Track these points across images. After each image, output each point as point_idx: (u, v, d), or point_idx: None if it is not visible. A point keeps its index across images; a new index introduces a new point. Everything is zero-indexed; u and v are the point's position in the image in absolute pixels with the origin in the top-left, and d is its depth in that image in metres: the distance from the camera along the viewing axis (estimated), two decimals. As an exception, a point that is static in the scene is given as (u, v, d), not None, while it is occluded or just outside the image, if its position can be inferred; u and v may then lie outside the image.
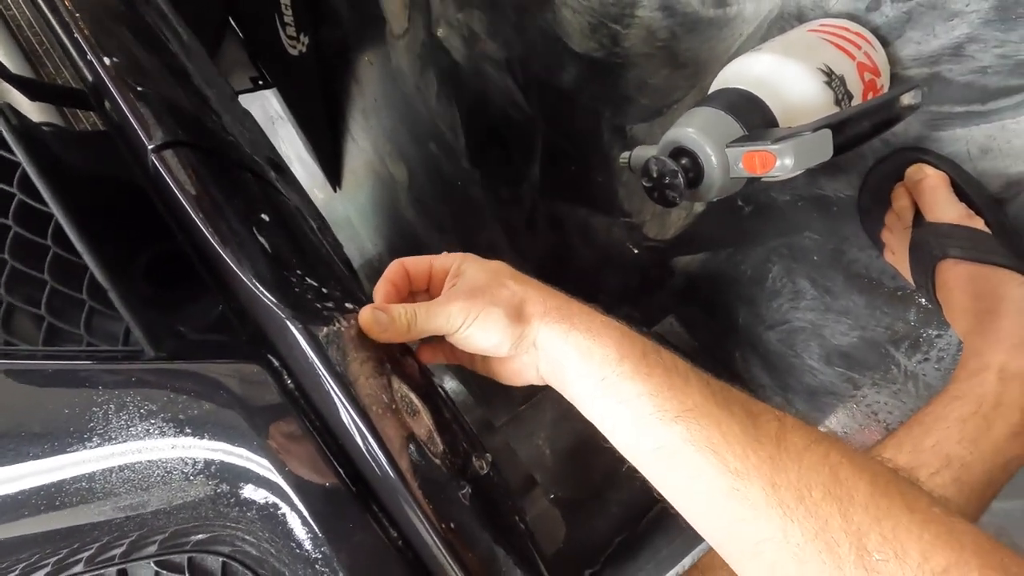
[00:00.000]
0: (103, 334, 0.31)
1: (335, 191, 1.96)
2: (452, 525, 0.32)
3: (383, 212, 1.81)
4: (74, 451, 0.28)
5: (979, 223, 0.49)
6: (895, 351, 0.66)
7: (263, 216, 0.33)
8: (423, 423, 0.32)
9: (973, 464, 0.44)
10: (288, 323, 0.28)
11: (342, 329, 0.29)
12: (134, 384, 0.28)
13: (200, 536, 0.33)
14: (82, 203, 0.32)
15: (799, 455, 0.30)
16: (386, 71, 1.35)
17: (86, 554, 0.32)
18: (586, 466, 0.75)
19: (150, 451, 0.28)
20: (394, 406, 0.31)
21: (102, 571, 0.31)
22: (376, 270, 1.97)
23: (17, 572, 0.30)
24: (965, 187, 0.50)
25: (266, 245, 0.31)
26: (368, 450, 0.30)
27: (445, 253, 0.42)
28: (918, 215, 0.53)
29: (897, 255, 0.56)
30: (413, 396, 0.32)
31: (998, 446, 0.45)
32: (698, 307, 0.90)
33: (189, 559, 0.33)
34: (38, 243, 0.30)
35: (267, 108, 1.97)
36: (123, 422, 0.28)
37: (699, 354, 0.90)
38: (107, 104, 0.35)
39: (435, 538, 0.31)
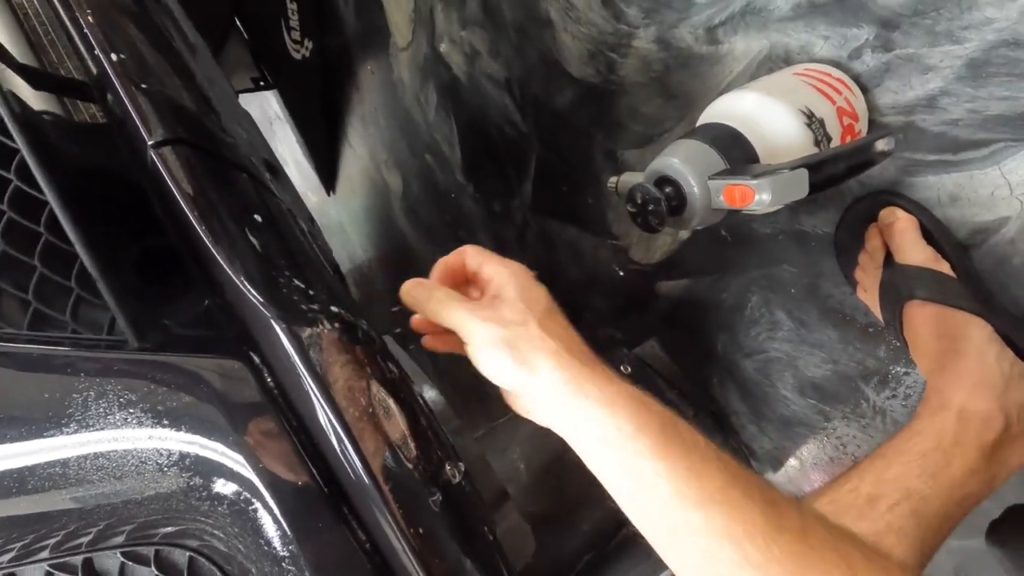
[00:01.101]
0: (88, 323, 0.31)
1: (329, 195, 1.96)
2: (421, 531, 0.33)
3: (376, 219, 1.82)
4: (51, 436, 0.28)
5: (945, 267, 0.52)
6: (865, 386, 0.68)
7: (256, 217, 0.34)
8: (398, 428, 0.33)
9: (931, 498, 0.46)
10: (273, 322, 0.29)
11: (325, 331, 0.30)
12: (115, 373, 0.29)
13: (169, 529, 0.33)
14: (77, 193, 0.32)
15: (821, 552, 0.30)
16: (387, 81, 1.37)
17: (52, 541, 0.32)
18: (559, 483, 0.75)
19: (126, 440, 0.28)
20: (371, 410, 0.31)
21: (67, 559, 0.31)
22: (365, 276, 1.97)
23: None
24: (934, 232, 0.52)
25: (257, 245, 0.32)
26: (342, 452, 0.31)
27: (502, 261, 0.42)
28: (889, 256, 0.55)
29: (869, 293, 0.58)
30: (391, 401, 0.33)
31: (955, 482, 0.47)
32: (679, 331, 0.92)
33: (156, 552, 0.33)
34: (31, 230, 0.31)
35: (266, 109, 1.98)
36: (102, 410, 0.28)
37: (679, 377, 0.92)
38: (109, 98, 0.36)
39: (403, 543, 0.32)
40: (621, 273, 0.97)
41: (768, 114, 0.47)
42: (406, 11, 1.17)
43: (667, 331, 0.95)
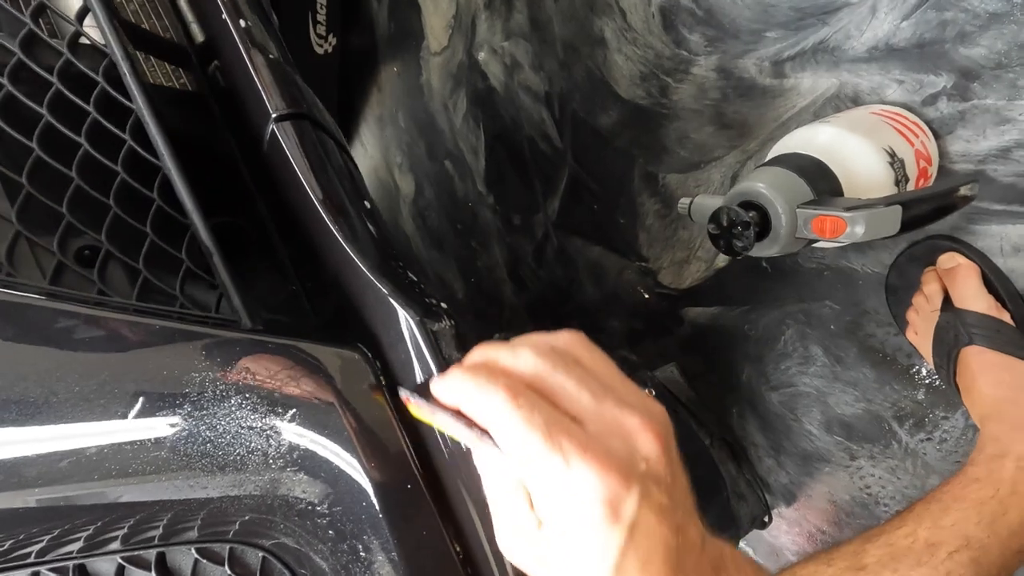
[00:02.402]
0: (192, 301, 0.29)
1: (335, 193, 1.93)
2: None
3: (380, 221, 1.79)
4: (163, 415, 0.26)
5: (1006, 316, 0.52)
6: (898, 427, 0.68)
7: (366, 203, 0.33)
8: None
9: (990, 547, 0.46)
10: (402, 312, 0.27)
11: (447, 326, 0.28)
12: (236, 354, 0.27)
13: (243, 526, 0.31)
14: (187, 164, 0.31)
15: None
16: (413, 84, 1.36)
17: (122, 532, 0.29)
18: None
19: (239, 427, 0.26)
20: (483, 414, 0.30)
21: (140, 552, 0.29)
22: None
23: (45, 542, 0.27)
24: (995, 281, 0.53)
25: (372, 230, 0.31)
26: (453, 457, 0.29)
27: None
28: (946, 300, 0.56)
29: (920, 335, 0.59)
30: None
31: (1013, 531, 0.47)
32: (702, 358, 0.92)
33: (231, 550, 0.31)
34: (144, 195, 0.29)
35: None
36: (219, 392, 0.26)
37: (697, 404, 0.91)
38: (215, 65, 0.34)
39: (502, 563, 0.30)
40: (646, 296, 0.97)
41: (853, 149, 0.48)
42: (445, 16, 1.17)
43: (687, 357, 0.95)
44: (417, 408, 0.25)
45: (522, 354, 0.26)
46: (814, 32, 0.60)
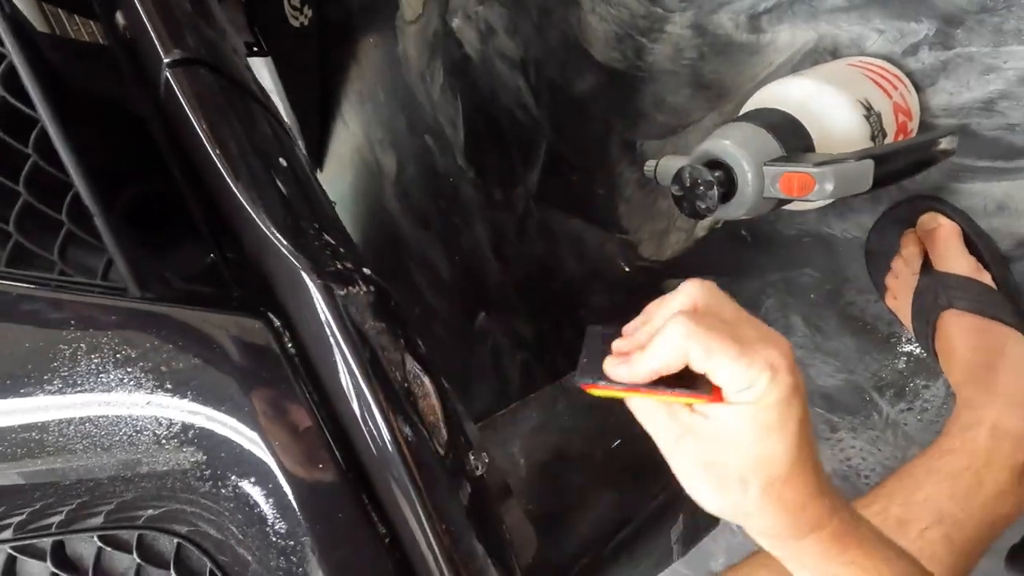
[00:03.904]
0: (78, 267, 0.27)
1: (317, 173, 1.90)
2: (451, 527, 0.29)
3: (364, 200, 1.76)
4: (29, 394, 0.23)
5: (987, 278, 0.50)
6: (879, 398, 0.66)
7: (280, 160, 0.30)
8: (432, 408, 0.29)
9: (964, 521, 0.44)
10: (305, 276, 0.25)
11: (361, 292, 0.26)
12: (114, 324, 0.24)
13: (155, 511, 0.28)
14: (74, 116, 0.28)
15: None
16: (391, 56, 1.32)
17: (16, 519, 0.27)
18: (558, 482, 0.72)
19: (120, 405, 0.24)
20: (406, 384, 0.27)
21: (33, 541, 0.27)
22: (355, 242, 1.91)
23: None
24: (977, 241, 0.51)
25: (283, 189, 0.28)
26: (372, 431, 0.27)
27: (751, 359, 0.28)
28: (926, 263, 0.53)
29: (899, 300, 0.56)
30: (425, 378, 0.29)
31: (987, 504, 0.45)
32: (683, 333, 0.89)
33: (139, 537, 0.29)
34: (16, 149, 0.26)
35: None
36: (94, 366, 0.24)
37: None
38: (119, 13, 0.31)
39: (431, 539, 0.28)
40: (627, 269, 0.94)
41: (826, 102, 0.45)
42: (419, -18, 1.13)
43: (669, 332, 0.92)
44: (599, 392, 0.30)
45: (682, 291, 0.31)
46: (791, -19, 0.56)
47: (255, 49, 1.71)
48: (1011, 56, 0.45)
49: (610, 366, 0.30)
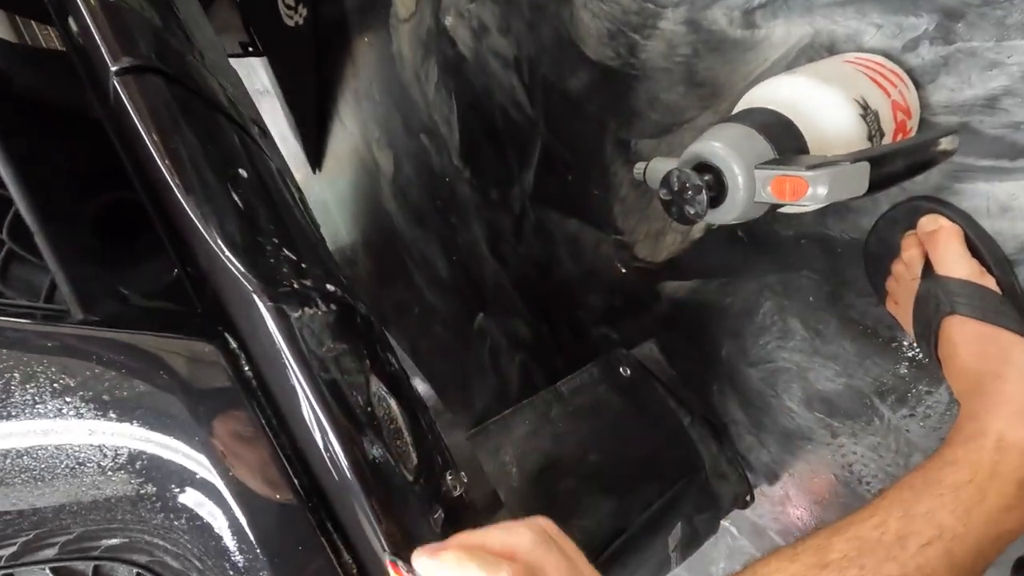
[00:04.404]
0: (21, 286, 0.25)
1: (314, 172, 1.89)
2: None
3: (362, 200, 1.75)
4: (-39, 425, 0.22)
5: (990, 282, 0.48)
6: (880, 403, 0.64)
7: (240, 171, 0.29)
8: (399, 432, 0.28)
9: (965, 536, 0.42)
10: (255, 297, 0.23)
11: (319, 313, 0.24)
12: (50, 351, 0.23)
13: (112, 541, 0.27)
14: (21, 128, 0.26)
15: None
16: (385, 54, 1.30)
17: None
18: (551, 490, 0.71)
19: (59, 435, 0.23)
20: (369, 409, 0.26)
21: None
22: (348, 258, 1.90)
23: None
24: (980, 244, 0.49)
25: (239, 203, 0.26)
26: (331, 459, 0.25)
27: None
28: (927, 267, 0.51)
29: (900, 305, 0.55)
30: (391, 401, 0.28)
31: (991, 518, 0.43)
32: (680, 334, 0.88)
33: (95, 568, 0.27)
34: (-44, 165, 0.25)
35: (252, 80, 1.89)
36: (29, 396, 0.22)
37: (676, 382, 0.88)
38: (71, 18, 0.30)
39: (401, 571, 0.26)
40: (623, 270, 0.93)
41: (820, 101, 0.43)
42: (411, -21, 1.11)
43: (666, 333, 0.91)
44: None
45: (520, 534, 0.29)
46: (786, -25, 0.54)
47: (250, 49, 1.70)
48: (1015, 51, 0.43)
49: (424, 553, 0.26)
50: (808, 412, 0.73)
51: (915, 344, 0.57)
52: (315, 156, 1.83)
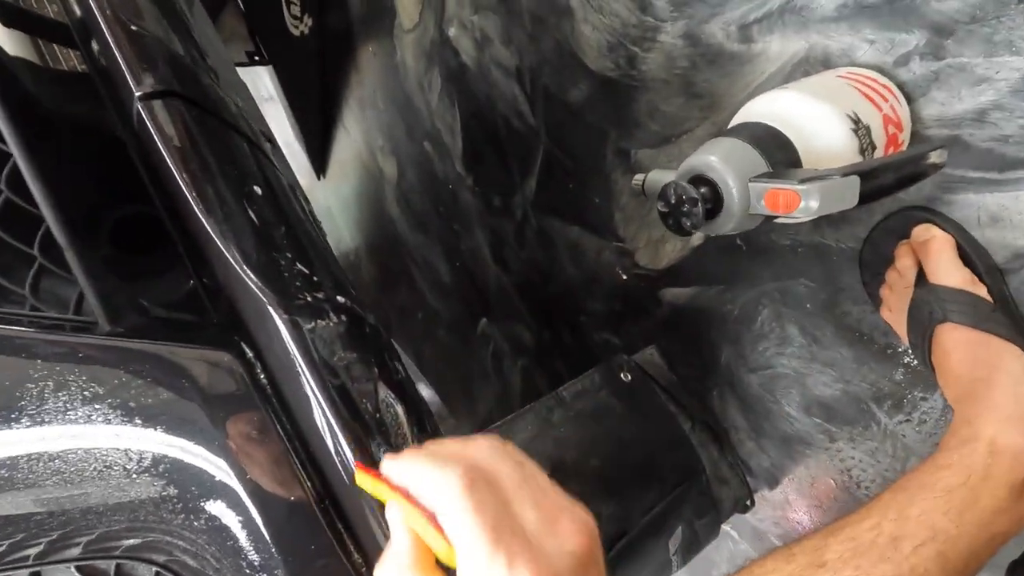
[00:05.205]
0: (52, 299, 0.27)
1: (319, 179, 1.91)
2: (426, 555, 0.29)
3: (366, 206, 1.77)
4: (-2, 431, 0.24)
5: (982, 290, 0.49)
6: (877, 408, 0.65)
7: (255, 188, 0.30)
8: (406, 437, 0.29)
9: (958, 538, 0.43)
10: (271, 310, 0.25)
11: (330, 324, 0.26)
12: (81, 360, 0.24)
13: (133, 541, 0.28)
14: (50, 148, 0.28)
15: None
16: (389, 64, 1.32)
17: (-5, 550, 0.27)
18: (553, 493, 0.72)
19: (89, 439, 0.24)
20: (377, 415, 0.27)
21: (10, 572, 0.27)
22: (352, 264, 1.92)
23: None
24: (971, 253, 0.50)
25: (255, 220, 0.28)
26: (342, 463, 0.27)
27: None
28: (920, 275, 0.52)
29: (894, 313, 0.56)
30: (398, 407, 0.29)
31: (983, 521, 0.44)
32: (681, 340, 0.89)
33: (117, 566, 0.29)
34: (-10, 186, 0.26)
35: (258, 87, 1.91)
36: (61, 403, 0.24)
37: (677, 388, 0.89)
38: (94, 43, 0.31)
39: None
40: (624, 277, 0.94)
41: (813, 116, 0.44)
42: (415, -9, 1.13)
43: (666, 339, 0.92)
44: (364, 479, 0.26)
45: (476, 443, 0.29)
46: (781, -9, 0.56)
47: (256, 58, 1.73)
48: (1002, 67, 0.44)
49: (388, 457, 0.27)
50: (807, 417, 0.74)
51: (910, 351, 0.58)
52: (319, 163, 1.85)
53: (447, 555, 0.27)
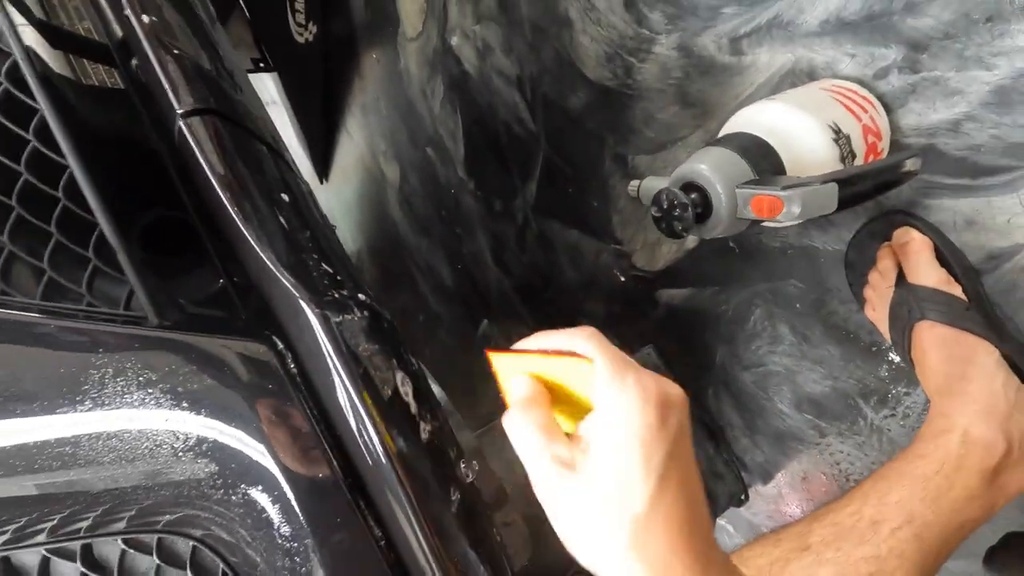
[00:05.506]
0: (103, 297, 0.30)
1: (321, 183, 1.94)
2: (439, 529, 0.32)
3: (368, 209, 1.79)
4: (63, 412, 0.26)
5: (957, 290, 0.52)
6: (864, 404, 0.68)
7: (283, 196, 0.33)
8: (423, 422, 0.32)
9: (933, 523, 0.46)
10: (304, 306, 0.28)
11: (356, 318, 0.29)
12: (136, 350, 0.27)
13: (171, 516, 0.31)
14: (95, 158, 0.31)
15: None
16: (392, 71, 1.35)
17: (50, 524, 0.30)
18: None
19: (142, 421, 0.27)
20: (397, 402, 0.30)
21: (65, 544, 0.30)
22: (354, 266, 1.95)
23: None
24: (947, 255, 0.53)
25: (285, 225, 0.31)
26: (366, 443, 0.30)
27: (621, 384, 0.30)
28: (901, 276, 0.55)
29: (877, 312, 0.59)
30: (413, 396, 0.32)
31: (956, 507, 0.47)
32: (677, 340, 0.92)
33: (159, 540, 0.32)
34: (48, 194, 0.29)
35: (260, 91, 1.93)
36: (119, 388, 0.27)
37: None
38: (135, 62, 0.34)
39: (422, 540, 0.31)
40: (622, 279, 0.97)
41: (796, 126, 0.47)
42: (418, 1, 1.16)
43: (664, 339, 0.95)
44: (497, 356, 0.33)
45: (579, 328, 0.33)
46: (768, 7, 0.59)
47: (262, 65, 1.76)
48: (973, 80, 0.47)
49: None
50: (798, 414, 0.77)
51: (892, 348, 0.61)
52: (322, 167, 1.88)
53: (582, 379, 0.30)
